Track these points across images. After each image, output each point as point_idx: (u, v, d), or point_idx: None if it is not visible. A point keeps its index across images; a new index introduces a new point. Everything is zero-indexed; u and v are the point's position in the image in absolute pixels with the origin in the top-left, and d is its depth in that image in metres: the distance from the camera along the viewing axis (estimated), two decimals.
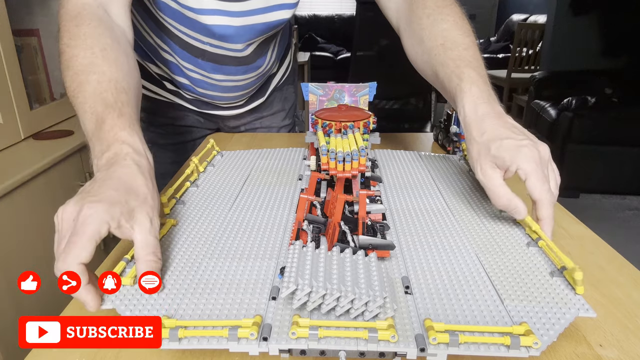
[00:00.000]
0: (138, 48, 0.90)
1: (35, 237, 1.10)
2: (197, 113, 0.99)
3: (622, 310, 0.43)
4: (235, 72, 0.86)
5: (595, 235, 0.57)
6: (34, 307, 1.05)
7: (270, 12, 0.78)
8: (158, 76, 0.93)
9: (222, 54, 0.82)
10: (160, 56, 0.88)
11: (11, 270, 1.02)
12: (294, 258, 0.42)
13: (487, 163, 0.52)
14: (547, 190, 0.50)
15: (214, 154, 0.82)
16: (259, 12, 0.77)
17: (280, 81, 1.04)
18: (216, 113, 0.99)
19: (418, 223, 0.57)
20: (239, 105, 0.98)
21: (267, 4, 0.77)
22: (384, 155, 0.82)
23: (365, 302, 0.37)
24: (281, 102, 1.07)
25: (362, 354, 0.36)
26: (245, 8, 0.76)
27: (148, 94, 0.95)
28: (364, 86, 0.79)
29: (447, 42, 0.61)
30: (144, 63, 0.91)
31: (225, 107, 0.97)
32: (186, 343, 0.36)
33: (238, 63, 0.85)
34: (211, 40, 0.80)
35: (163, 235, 0.53)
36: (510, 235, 0.53)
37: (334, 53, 5.42)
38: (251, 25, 0.78)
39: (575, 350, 0.38)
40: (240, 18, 0.77)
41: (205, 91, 0.91)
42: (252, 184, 0.69)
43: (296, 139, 1.00)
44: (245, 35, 0.80)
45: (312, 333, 0.36)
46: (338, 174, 0.56)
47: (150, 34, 0.84)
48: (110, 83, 0.53)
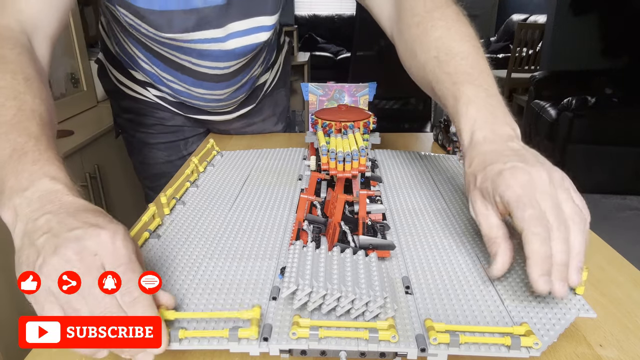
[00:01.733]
0: (118, 55, 0.89)
1: None
2: (184, 117, 0.97)
3: (622, 310, 0.43)
4: (216, 87, 0.84)
5: (595, 235, 0.57)
6: None
7: (248, 35, 0.75)
8: (141, 82, 0.90)
9: (202, 71, 0.79)
10: (140, 65, 0.85)
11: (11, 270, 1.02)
12: (295, 258, 0.42)
13: (475, 197, 0.44)
14: (535, 217, 0.38)
15: (214, 154, 0.82)
16: (237, 35, 0.74)
17: (270, 86, 1.01)
18: (204, 118, 0.96)
19: (418, 223, 0.57)
20: (227, 111, 0.95)
21: (245, 27, 0.74)
22: (384, 155, 0.82)
23: (365, 302, 0.37)
24: (271, 107, 1.04)
25: (362, 354, 0.36)
26: (222, 34, 0.73)
27: (134, 95, 0.92)
28: (364, 86, 0.79)
29: (440, 53, 0.53)
30: (127, 68, 0.89)
31: (213, 112, 0.95)
32: (187, 343, 0.36)
33: (219, 80, 0.82)
34: (189, 58, 0.77)
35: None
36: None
37: (334, 53, 5.42)
38: (231, 50, 0.75)
39: (575, 351, 0.38)
40: (218, 43, 0.74)
41: (189, 99, 0.88)
42: (252, 184, 0.69)
43: (296, 139, 1.00)
44: (224, 57, 0.77)
45: (313, 333, 0.36)
46: (338, 174, 0.56)
47: (128, 43, 0.82)
48: (34, 114, 0.46)
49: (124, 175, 1.49)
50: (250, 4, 0.72)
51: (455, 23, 0.55)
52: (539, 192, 0.39)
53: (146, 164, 1.00)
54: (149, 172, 1.01)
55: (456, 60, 0.52)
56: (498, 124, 0.46)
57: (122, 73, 0.91)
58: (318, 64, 4.87)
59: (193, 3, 0.68)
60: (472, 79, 0.50)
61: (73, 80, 1.48)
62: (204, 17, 0.69)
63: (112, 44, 0.89)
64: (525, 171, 0.40)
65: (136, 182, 1.10)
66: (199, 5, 0.68)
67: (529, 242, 0.37)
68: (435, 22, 0.56)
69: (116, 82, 0.92)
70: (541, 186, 0.39)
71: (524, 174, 0.40)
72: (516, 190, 0.39)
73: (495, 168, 0.42)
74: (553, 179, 0.40)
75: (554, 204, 0.39)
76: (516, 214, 0.38)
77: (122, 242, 0.35)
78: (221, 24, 0.71)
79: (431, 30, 0.55)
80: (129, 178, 1.49)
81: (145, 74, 0.87)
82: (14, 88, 0.47)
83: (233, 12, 0.71)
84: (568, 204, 0.39)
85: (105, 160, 1.38)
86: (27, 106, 0.46)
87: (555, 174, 0.41)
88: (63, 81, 1.43)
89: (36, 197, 0.38)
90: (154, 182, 1.01)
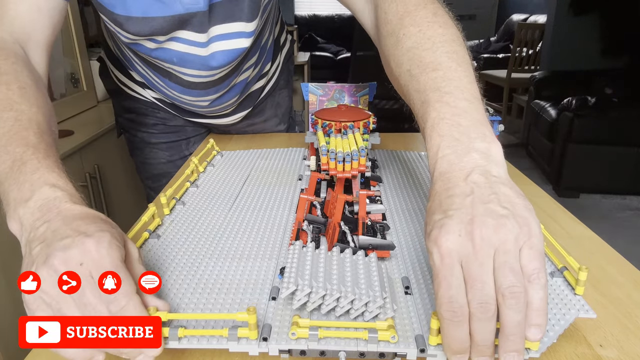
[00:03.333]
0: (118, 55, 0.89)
1: None
2: (183, 120, 0.96)
3: (622, 310, 0.43)
4: (204, 94, 0.83)
5: (595, 235, 0.57)
6: None
7: (229, 39, 0.74)
8: (140, 83, 0.90)
9: (187, 79, 0.79)
10: (135, 68, 0.85)
11: (11, 270, 1.02)
12: (294, 258, 0.42)
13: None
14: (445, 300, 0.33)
15: (214, 154, 0.82)
16: (218, 39, 0.73)
17: (269, 88, 1.00)
18: (203, 121, 0.96)
19: (418, 223, 0.56)
20: (224, 114, 0.94)
21: (226, 31, 0.73)
22: (384, 155, 0.82)
23: (365, 303, 0.37)
24: (273, 108, 1.03)
25: (362, 355, 0.36)
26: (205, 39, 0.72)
27: (135, 95, 0.92)
28: (364, 86, 0.79)
29: (412, 66, 0.46)
30: (126, 69, 0.89)
31: (210, 116, 0.94)
32: (186, 342, 0.36)
33: (205, 87, 0.81)
34: (172, 66, 0.77)
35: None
36: None
37: (334, 53, 5.42)
38: (211, 55, 0.74)
39: (575, 351, 0.38)
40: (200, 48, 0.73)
41: (183, 105, 0.88)
42: (252, 184, 0.69)
43: (296, 139, 1.00)
44: (206, 66, 0.76)
45: (312, 333, 0.36)
46: (338, 174, 0.56)
47: (123, 46, 0.81)
48: (31, 123, 0.45)
49: (124, 175, 1.49)
50: (230, 10, 0.71)
51: (431, 25, 0.48)
52: (465, 261, 0.33)
53: (148, 164, 1.00)
54: (150, 172, 1.01)
55: (427, 73, 0.45)
56: (460, 152, 0.38)
57: (122, 73, 0.91)
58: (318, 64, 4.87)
59: (175, 9, 0.67)
60: (439, 96, 0.42)
61: (73, 80, 1.48)
62: (185, 21, 0.69)
63: (113, 45, 0.89)
64: (452, 232, 0.33)
65: (136, 182, 1.10)
66: (180, 11, 0.67)
67: (441, 324, 0.34)
68: (407, 29, 0.49)
69: (117, 81, 0.92)
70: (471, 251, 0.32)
71: (449, 236, 0.33)
72: (435, 261, 0.34)
73: (432, 221, 0.35)
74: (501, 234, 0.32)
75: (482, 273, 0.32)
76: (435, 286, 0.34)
77: (107, 250, 0.36)
78: (204, 29, 0.71)
79: (403, 39, 0.49)
80: (129, 178, 1.49)
81: (141, 76, 0.87)
82: (10, 99, 0.47)
83: (214, 17, 0.71)
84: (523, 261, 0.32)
85: (105, 160, 1.38)
86: (24, 116, 0.46)
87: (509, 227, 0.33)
88: (63, 81, 1.43)
89: (37, 207, 0.39)
90: (155, 182, 1.01)
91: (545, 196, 0.67)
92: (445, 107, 0.41)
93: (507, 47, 4.64)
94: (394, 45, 0.50)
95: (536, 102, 3.11)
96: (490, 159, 0.37)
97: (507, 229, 0.33)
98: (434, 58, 0.45)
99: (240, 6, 0.71)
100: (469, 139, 0.38)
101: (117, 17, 0.67)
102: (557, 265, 0.46)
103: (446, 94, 0.42)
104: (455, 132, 0.39)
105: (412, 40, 0.48)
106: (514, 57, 3.75)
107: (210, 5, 0.69)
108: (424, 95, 0.43)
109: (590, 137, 2.57)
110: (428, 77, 0.44)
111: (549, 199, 0.66)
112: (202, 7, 0.68)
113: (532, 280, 0.32)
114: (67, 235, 0.36)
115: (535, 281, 0.32)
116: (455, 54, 0.45)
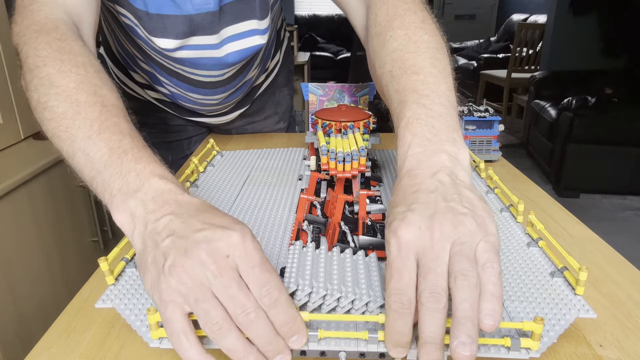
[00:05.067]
0: (119, 54, 0.89)
1: (35, 237, 1.09)
2: (184, 119, 0.97)
3: (622, 310, 0.43)
4: (212, 93, 0.83)
5: (595, 235, 0.57)
6: (34, 308, 1.05)
7: (243, 38, 0.73)
8: (140, 84, 0.90)
9: (197, 79, 0.79)
10: (139, 66, 0.85)
11: (11, 271, 1.02)
12: (294, 258, 0.42)
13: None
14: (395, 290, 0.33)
15: (214, 154, 0.82)
16: (232, 40, 0.73)
17: (267, 85, 1.00)
18: (202, 120, 0.96)
19: None
20: (224, 112, 0.95)
21: (239, 31, 0.73)
22: (384, 155, 0.82)
23: (365, 303, 0.37)
24: (273, 106, 1.03)
25: (362, 355, 0.36)
26: (217, 41, 0.72)
27: (136, 95, 0.93)
28: (364, 86, 0.79)
29: (394, 68, 0.47)
30: (127, 69, 0.89)
31: (210, 115, 0.94)
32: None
33: (214, 86, 0.81)
34: (184, 67, 0.77)
35: None
36: (510, 235, 0.53)
37: (334, 53, 5.42)
38: (225, 56, 0.74)
39: (576, 351, 0.38)
40: (212, 50, 0.73)
41: (186, 103, 0.88)
42: (252, 184, 0.69)
43: (296, 139, 1.00)
44: (218, 66, 0.76)
45: (312, 334, 0.36)
46: (338, 174, 0.56)
47: (128, 44, 0.82)
48: (117, 109, 0.45)
49: None
50: (240, 10, 0.71)
51: (418, 31, 0.49)
52: (421, 254, 0.33)
53: None
54: None
55: (407, 75, 0.46)
56: (430, 152, 0.39)
57: (123, 72, 0.91)
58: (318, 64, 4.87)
59: (186, 9, 0.67)
60: (416, 98, 0.43)
61: None
62: (197, 23, 0.69)
63: (114, 43, 0.89)
64: (412, 225, 0.34)
65: None
66: (191, 11, 0.68)
67: (387, 315, 0.34)
68: (395, 31, 0.50)
69: (117, 81, 0.93)
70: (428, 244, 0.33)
71: (409, 228, 0.34)
72: (391, 251, 0.34)
73: (394, 212, 0.36)
74: (459, 230, 0.33)
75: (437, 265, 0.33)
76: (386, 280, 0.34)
77: (252, 243, 0.35)
78: (215, 31, 0.71)
79: (389, 41, 0.50)
80: None
81: (144, 75, 0.87)
82: (91, 82, 0.45)
83: (225, 18, 0.71)
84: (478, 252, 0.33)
85: None
86: (108, 101, 0.45)
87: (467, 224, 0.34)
88: None
89: (150, 198, 0.38)
90: None
91: (546, 196, 0.67)
92: (421, 109, 0.42)
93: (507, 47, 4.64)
94: (380, 46, 0.51)
95: (536, 102, 3.11)
96: (457, 162, 0.39)
97: (465, 226, 0.34)
98: (417, 62, 0.46)
99: (251, 5, 0.71)
100: (439, 141, 0.40)
101: (137, 11, 0.67)
102: (558, 265, 0.47)
103: (424, 97, 0.43)
104: (427, 133, 0.40)
105: (398, 43, 0.49)
106: (514, 57, 3.75)
107: (220, 7, 0.69)
108: (402, 96, 0.45)
109: (590, 137, 2.57)
110: (408, 79, 0.45)
111: (549, 199, 0.66)
112: (212, 8, 0.68)
113: (485, 267, 0.33)
114: (203, 228, 0.35)
115: (488, 269, 0.32)
116: (438, 61, 0.47)
